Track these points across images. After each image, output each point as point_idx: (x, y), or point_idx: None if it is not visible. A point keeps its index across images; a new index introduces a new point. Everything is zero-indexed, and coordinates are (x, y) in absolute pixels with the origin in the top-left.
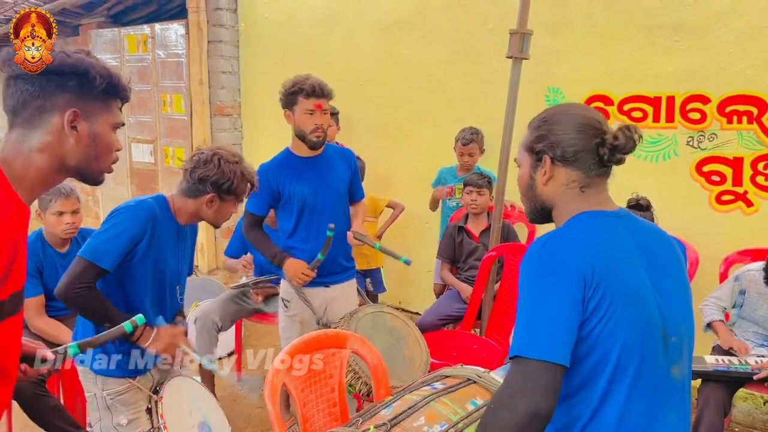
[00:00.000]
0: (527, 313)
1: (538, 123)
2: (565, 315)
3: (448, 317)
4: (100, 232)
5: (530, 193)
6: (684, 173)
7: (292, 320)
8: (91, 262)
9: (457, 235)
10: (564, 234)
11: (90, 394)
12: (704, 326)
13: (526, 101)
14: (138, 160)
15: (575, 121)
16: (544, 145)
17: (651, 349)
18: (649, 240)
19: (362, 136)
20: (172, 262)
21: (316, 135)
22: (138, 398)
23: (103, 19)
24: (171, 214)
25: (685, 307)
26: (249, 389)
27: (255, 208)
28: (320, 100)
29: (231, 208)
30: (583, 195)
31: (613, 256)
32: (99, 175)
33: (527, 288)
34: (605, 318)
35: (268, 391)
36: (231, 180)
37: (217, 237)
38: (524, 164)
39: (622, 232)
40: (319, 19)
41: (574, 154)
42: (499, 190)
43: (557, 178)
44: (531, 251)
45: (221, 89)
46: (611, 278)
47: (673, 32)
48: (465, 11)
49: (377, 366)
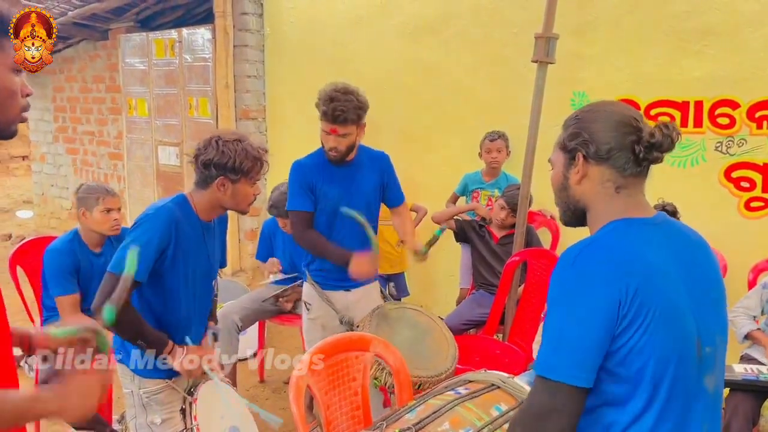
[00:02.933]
0: (555, 331)
1: (572, 120)
2: (594, 338)
3: (470, 322)
4: (126, 245)
5: (564, 194)
6: (712, 179)
7: (314, 323)
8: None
9: (479, 230)
10: (597, 247)
11: (127, 391)
12: (740, 338)
13: (551, 106)
14: (164, 162)
15: (610, 118)
16: (578, 143)
17: (685, 361)
18: (687, 248)
19: (387, 140)
20: (203, 260)
21: (332, 155)
22: (173, 398)
23: (132, 23)
24: (193, 212)
25: (720, 317)
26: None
27: (298, 204)
28: (335, 126)
29: (246, 188)
30: (618, 196)
31: (649, 269)
32: (7, 127)
33: (557, 304)
34: (639, 333)
35: (292, 393)
36: (233, 158)
37: (241, 239)
38: (558, 163)
39: (659, 242)
40: (344, 24)
41: (608, 151)
42: (523, 194)
43: (591, 177)
44: (562, 264)
45: (246, 93)
46: (647, 293)
47: (702, 36)
48: (491, 16)
49: (399, 369)
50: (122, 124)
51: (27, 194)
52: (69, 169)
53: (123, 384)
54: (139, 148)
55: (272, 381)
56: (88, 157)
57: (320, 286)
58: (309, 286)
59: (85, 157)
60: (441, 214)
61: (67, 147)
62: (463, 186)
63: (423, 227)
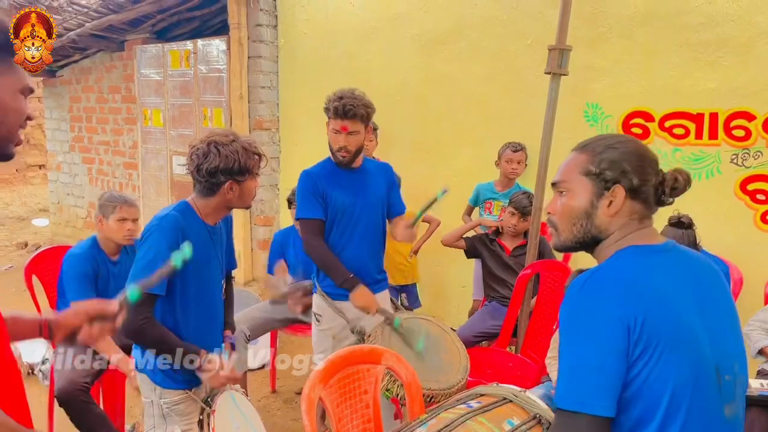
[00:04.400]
0: (571, 363)
1: (603, 148)
2: (609, 366)
3: (483, 334)
4: (138, 260)
5: (585, 222)
6: (727, 191)
7: (324, 334)
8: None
9: (491, 244)
10: (606, 274)
11: (147, 400)
12: (755, 353)
13: (564, 117)
14: (178, 172)
15: (644, 154)
16: (618, 174)
17: (703, 390)
18: (697, 274)
19: (400, 152)
20: (214, 264)
21: (341, 155)
22: (192, 410)
23: (148, 35)
24: (198, 218)
25: (737, 344)
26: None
27: (309, 212)
28: (345, 122)
29: (251, 184)
30: (639, 226)
31: (659, 296)
32: (11, 149)
33: (569, 336)
34: (652, 362)
35: (304, 405)
36: (237, 160)
37: (254, 249)
38: (581, 191)
39: (670, 269)
40: (358, 35)
41: (645, 188)
42: (536, 206)
43: (623, 210)
44: (571, 294)
45: (260, 104)
46: (657, 321)
47: (716, 48)
48: (504, 27)
49: (411, 383)
50: (137, 134)
51: (43, 203)
52: (84, 178)
53: (144, 393)
54: (154, 158)
55: (284, 391)
56: (103, 167)
57: (330, 297)
58: (319, 297)
59: (100, 167)
60: (449, 236)
61: (83, 156)
62: (476, 196)
63: (434, 239)
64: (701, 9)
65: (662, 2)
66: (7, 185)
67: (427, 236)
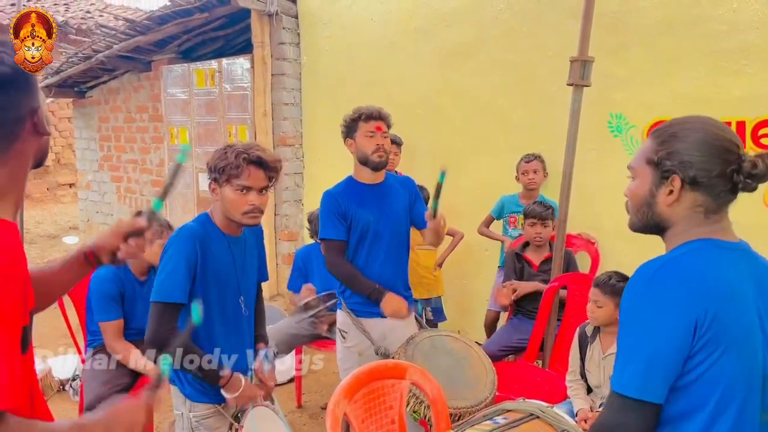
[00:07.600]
0: (631, 348)
1: (667, 137)
2: (671, 356)
3: (509, 348)
4: (159, 272)
5: (646, 209)
6: (756, 201)
7: (350, 351)
8: (164, 301)
9: (517, 262)
10: (677, 266)
11: (178, 413)
12: None
13: (587, 128)
14: (205, 189)
15: (711, 142)
16: (676, 165)
17: (751, 395)
18: (763, 280)
19: (421, 165)
20: (232, 275)
21: (378, 155)
22: (221, 424)
23: (174, 55)
24: (216, 228)
25: None
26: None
27: (331, 233)
28: (379, 122)
29: (228, 191)
30: (706, 220)
31: (730, 294)
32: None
33: (632, 320)
34: (711, 359)
35: (329, 421)
36: (222, 158)
37: (279, 264)
38: (644, 178)
39: (739, 268)
40: (379, 51)
41: (708, 179)
42: (561, 218)
43: (683, 201)
44: (640, 278)
45: (284, 120)
46: (723, 320)
47: (741, 56)
48: (524, 39)
49: (437, 398)
50: (164, 152)
51: (73, 221)
52: (113, 196)
53: (174, 406)
54: (180, 176)
55: (309, 406)
56: (131, 185)
57: (355, 314)
58: (344, 314)
59: (128, 185)
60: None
61: (112, 175)
62: (500, 207)
63: (458, 251)
64: (724, 17)
65: (683, 10)
66: (38, 204)
67: (450, 249)
